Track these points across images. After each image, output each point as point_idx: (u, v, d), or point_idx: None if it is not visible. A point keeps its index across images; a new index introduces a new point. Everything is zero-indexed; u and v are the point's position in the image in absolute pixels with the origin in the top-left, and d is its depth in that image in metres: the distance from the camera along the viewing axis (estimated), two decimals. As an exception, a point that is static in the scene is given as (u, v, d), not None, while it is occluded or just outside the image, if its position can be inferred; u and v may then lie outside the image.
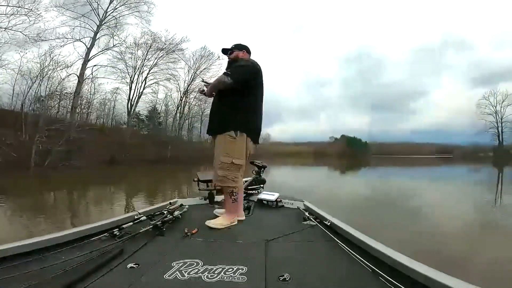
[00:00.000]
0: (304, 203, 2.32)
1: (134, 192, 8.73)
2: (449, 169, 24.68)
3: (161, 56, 24.75)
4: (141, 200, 7.07)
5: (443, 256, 3.02)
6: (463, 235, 4.16)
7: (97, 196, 8.38)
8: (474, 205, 7.03)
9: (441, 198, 8.17)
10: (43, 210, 5.89)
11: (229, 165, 1.87)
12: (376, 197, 8.24)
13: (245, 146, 1.91)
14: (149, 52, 24.16)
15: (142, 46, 23.82)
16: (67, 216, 5.50)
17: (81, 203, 7.26)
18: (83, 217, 5.47)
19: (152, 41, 24.34)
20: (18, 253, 1.16)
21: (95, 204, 6.88)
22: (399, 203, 7.13)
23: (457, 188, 10.51)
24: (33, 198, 7.31)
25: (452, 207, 6.51)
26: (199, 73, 27.25)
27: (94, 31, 20.32)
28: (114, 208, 6.18)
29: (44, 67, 16.94)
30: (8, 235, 3.66)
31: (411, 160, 43.97)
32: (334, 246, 1.40)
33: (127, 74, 23.48)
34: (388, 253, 1.13)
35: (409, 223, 4.81)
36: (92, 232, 1.47)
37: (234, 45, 2.10)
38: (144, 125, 29.68)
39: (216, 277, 1.06)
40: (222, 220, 1.84)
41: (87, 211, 6.04)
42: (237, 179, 1.91)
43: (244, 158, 1.93)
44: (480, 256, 3.17)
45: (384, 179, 15.10)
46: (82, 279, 0.99)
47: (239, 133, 1.87)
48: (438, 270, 0.92)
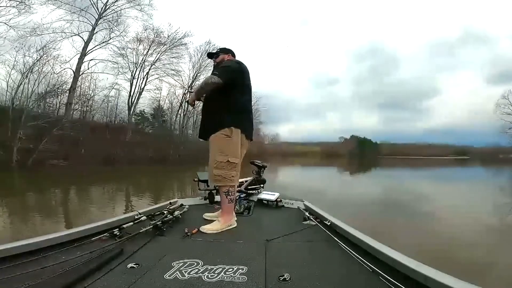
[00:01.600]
0: (304, 203, 2.31)
1: (106, 200, 7.24)
2: (468, 170, 23.80)
3: (163, 51, 23.92)
4: (107, 212, 5.52)
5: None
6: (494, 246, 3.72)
7: (51, 203, 6.70)
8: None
9: (462, 202, 7.55)
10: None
11: (225, 164, 1.85)
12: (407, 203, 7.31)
13: (239, 144, 1.90)
14: (151, 47, 23.36)
15: (144, 41, 23.02)
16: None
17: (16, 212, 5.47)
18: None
19: (154, 35, 23.53)
20: (18, 253, 1.16)
21: (39, 214, 5.33)
22: (423, 208, 6.46)
23: (484, 193, 9.55)
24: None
25: (477, 212, 5.91)
26: (203, 68, 26.34)
27: (92, 25, 19.57)
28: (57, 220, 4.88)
29: (36, 61, 16.10)
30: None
31: (425, 161, 42.31)
32: (334, 246, 1.40)
33: (128, 69, 22.72)
34: (388, 253, 1.13)
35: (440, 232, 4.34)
36: (92, 232, 1.46)
37: (220, 49, 2.17)
38: (149, 123, 28.83)
39: (216, 277, 1.06)
40: (217, 225, 1.78)
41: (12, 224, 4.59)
42: (234, 178, 1.89)
43: (239, 157, 1.91)
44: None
45: (404, 182, 14.04)
46: (82, 279, 0.99)
47: (234, 129, 1.86)
48: (438, 270, 0.92)
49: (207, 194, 2.55)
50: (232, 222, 1.85)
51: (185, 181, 10.78)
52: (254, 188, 2.81)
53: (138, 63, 22.96)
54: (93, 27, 19.61)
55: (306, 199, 2.43)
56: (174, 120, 27.81)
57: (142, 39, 22.93)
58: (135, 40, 22.86)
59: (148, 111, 28.49)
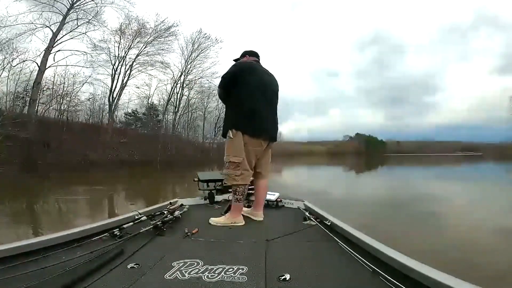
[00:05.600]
0: (304, 203, 2.32)
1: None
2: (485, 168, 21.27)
3: (149, 42, 21.56)
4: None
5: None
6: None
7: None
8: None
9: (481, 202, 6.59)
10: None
11: (229, 164, 1.94)
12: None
13: (242, 144, 1.92)
14: (135, 38, 21.01)
15: (126, 32, 20.66)
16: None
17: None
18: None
19: (140, 26, 21.19)
20: (18, 253, 1.15)
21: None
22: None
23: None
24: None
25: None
26: (194, 59, 23.95)
27: (64, 15, 17.28)
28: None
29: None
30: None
31: (435, 159, 40.14)
32: (334, 246, 1.40)
33: (110, 63, 20.38)
34: (388, 253, 1.13)
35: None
36: (92, 232, 1.46)
37: (242, 53, 2.23)
38: (142, 123, 26.51)
39: (216, 277, 1.05)
40: (222, 218, 1.91)
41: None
42: (238, 177, 1.92)
43: (242, 155, 1.92)
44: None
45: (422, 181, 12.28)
46: (82, 279, 0.99)
47: (235, 131, 1.93)
48: (439, 270, 0.91)
49: (207, 194, 2.53)
50: (237, 219, 1.90)
51: (163, 194, 8.25)
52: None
53: (121, 56, 20.65)
54: (64, 17, 17.43)
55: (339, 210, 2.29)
56: (167, 118, 25.43)
57: (124, 30, 20.62)
58: (117, 31, 20.58)
59: (141, 111, 26.13)
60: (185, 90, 25.39)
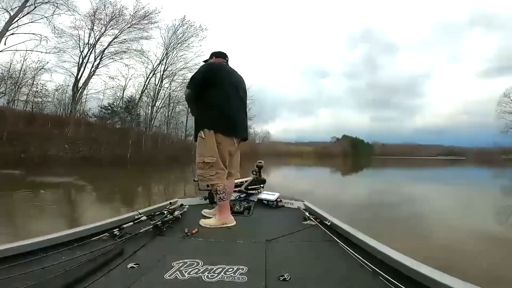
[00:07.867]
0: (304, 203, 2.32)
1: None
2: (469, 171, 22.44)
3: (125, 29, 19.71)
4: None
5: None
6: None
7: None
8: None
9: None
10: None
11: (203, 164, 1.91)
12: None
13: (215, 144, 1.90)
14: (110, 23, 19.13)
15: (100, 18, 18.77)
16: None
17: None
18: None
19: (115, 11, 19.34)
20: (18, 253, 1.15)
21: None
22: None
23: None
24: None
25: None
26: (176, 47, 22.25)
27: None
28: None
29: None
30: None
31: (421, 162, 41.55)
32: (334, 246, 1.39)
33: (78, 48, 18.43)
34: (388, 253, 1.13)
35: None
36: (92, 232, 1.45)
37: (211, 54, 2.21)
38: (119, 118, 24.28)
39: (216, 277, 1.05)
40: (213, 221, 1.88)
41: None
42: (213, 177, 1.92)
43: (216, 155, 1.90)
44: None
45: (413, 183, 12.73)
46: (82, 279, 0.99)
47: (207, 131, 1.90)
48: (439, 270, 0.91)
49: (207, 194, 2.53)
50: (227, 220, 1.88)
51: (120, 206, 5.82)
52: (254, 188, 2.77)
53: (91, 43, 18.72)
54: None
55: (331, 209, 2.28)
56: (145, 112, 23.53)
57: (97, 15, 18.72)
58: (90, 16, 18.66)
59: (119, 104, 23.99)
60: (165, 82, 23.65)
